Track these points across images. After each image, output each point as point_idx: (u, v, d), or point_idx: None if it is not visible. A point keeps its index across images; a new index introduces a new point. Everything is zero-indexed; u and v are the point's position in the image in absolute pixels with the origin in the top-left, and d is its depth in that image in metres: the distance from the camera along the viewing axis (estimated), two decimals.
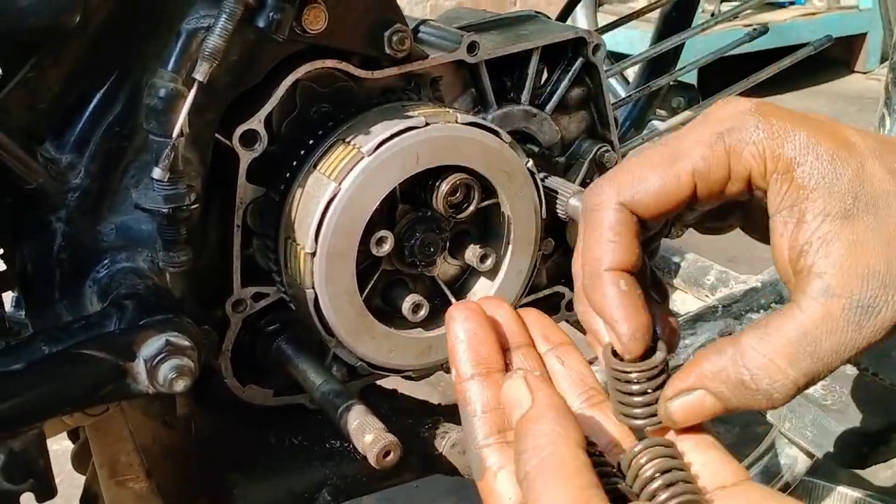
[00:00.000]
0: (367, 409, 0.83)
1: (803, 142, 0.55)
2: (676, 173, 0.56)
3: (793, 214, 0.55)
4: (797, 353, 0.53)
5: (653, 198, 0.57)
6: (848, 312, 0.53)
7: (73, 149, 0.79)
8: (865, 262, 0.53)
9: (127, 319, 0.73)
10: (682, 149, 0.57)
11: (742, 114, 0.56)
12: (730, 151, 0.56)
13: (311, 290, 0.85)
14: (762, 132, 0.56)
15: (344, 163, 0.83)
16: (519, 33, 1.01)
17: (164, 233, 0.78)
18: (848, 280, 0.53)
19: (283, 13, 0.76)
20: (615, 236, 0.57)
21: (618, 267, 0.57)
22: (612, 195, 0.58)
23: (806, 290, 0.54)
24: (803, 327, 0.53)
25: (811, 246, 0.54)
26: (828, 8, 4.69)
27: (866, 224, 0.54)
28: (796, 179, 0.55)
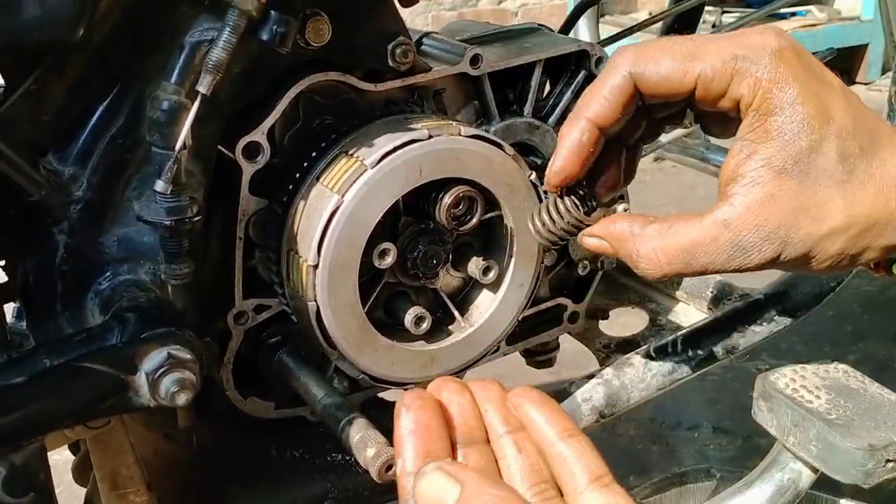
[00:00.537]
0: (368, 423, 0.83)
1: (790, 97, 0.63)
2: (685, 70, 0.65)
3: (747, 147, 0.65)
4: (677, 258, 0.68)
5: (658, 79, 0.66)
6: (728, 246, 0.66)
7: (75, 161, 0.79)
8: (766, 215, 0.65)
9: (129, 332, 0.73)
10: (701, 52, 0.65)
11: (764, 49, 0.64)
12: (734, 73, 0.64)
13: (313, 302, 0.85)
14: (767, 73, 0.64)
15: (347, 175, 0.83)
16: (522, 46, 1.01)
17: (166, 245, 0.78)
18: (745, 222, 0.65)
19: (287, 26, 0.76)
20: (609, 95, 0.68)
21: (595, 120, 0.69)
22: (628, 62, 0.67)
23: (713, 212, 0.66)
24: (693, 240, 0.67)
25: (743, 178, 0.65)
26: (829, 19, 4.71)
27: (790, 185, 0.64)
28: (766, 124, 0.64)
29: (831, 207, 0.65)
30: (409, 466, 0.56)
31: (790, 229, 0.65)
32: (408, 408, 0.58)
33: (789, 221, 0.65)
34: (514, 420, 0.60)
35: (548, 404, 0.60)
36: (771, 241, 0.65)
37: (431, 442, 0.57)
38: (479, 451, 0.59)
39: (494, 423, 0.60)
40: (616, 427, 2.12)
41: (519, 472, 0.58)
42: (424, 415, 0.58)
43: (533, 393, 0.61)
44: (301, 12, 0.80)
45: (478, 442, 0.59)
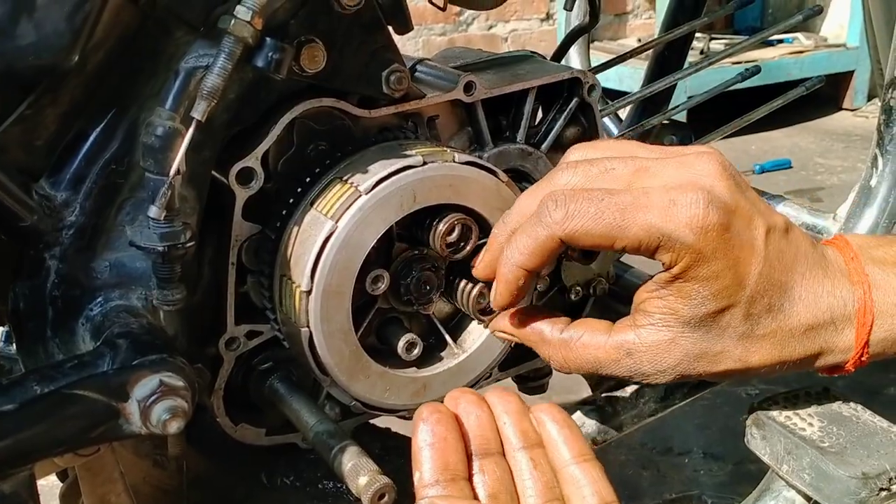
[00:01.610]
0: (361, 450, 0.82)
1: (707, 272, 0.69)
2: (614, 239, 0.69)
3: (661, 292, 0.71)
4: (584, 368, 0.76)
5: (585, 243, 0.70)
6: (628, 370, 0.73)
7: (68, 186, 0.79)
8: (665, 356, 0.72)
9: (120, 359, 0.72)
10: (630, 224, 0.68)
11: (689, 228, 0.68)
12: (659, 246, 0.68)
13: (305, 328, 0.84)
14: (688, 253, 0.68)
15: (341, 201, 0.83)
16: (515, 73, 1.02)
17: (159, 271, 0.78)
18: (645, 357, 0.72)
19: (283, 53, 0.77)
20: (539, 252, 0.72)
21: (528, 268, 0.73)
22: (559, 225, 0.70)
23: (621, 335, 0.74)
24: (597, 358, 0.74)
25: (651, 317, 0.72)
26: (815, 46, 4.76)
27: (692, 336, 0.71)
28: (680, 285, 0.70)
29: (728, 356, 0.72)
30: (426, 478, 0.59)
31: (686, 368, 0.72)
32: (425, 420, 0.61)
33: (686, 362, 0.72)
34: (531, 436, 0.64)
35: (569, 425, 0.65)
36: (668, 374, 0.73)
37: (448, 454, 0.60)
38: (495, 463, 0.62)
39: (511, 437, 0.63)
40: (606, 453, 2.10)
41: (533, 488, 0.61)
42: (441, 427, 0.60)
43: (556, 412, 0.66)
44: (296, 39, 0.80)
45: (494, 454, 0.62)
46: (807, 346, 0.73)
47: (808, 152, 4.35)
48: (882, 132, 1.14)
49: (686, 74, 1.38)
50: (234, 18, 0.74)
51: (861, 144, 4.38)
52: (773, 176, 4.04)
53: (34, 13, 0.68)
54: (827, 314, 0.73)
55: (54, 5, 0.68)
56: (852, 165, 4.14)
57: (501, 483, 0.61)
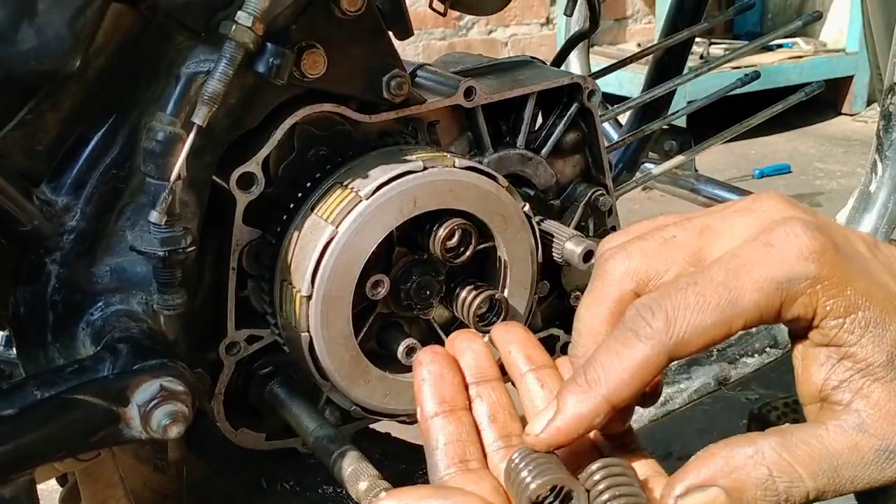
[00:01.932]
0: (361, 455, 0.82)
1: (856, 297, 0.56)
2: (730, 322, 0.56)
3: (838, 352, 0.56)
4: (818, 470, 0.54)
5: (701, 344, 0.56)
6: (877, 453, 0.55)
7: (69, 191, 0.79)
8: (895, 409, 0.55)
9: (121, 363, 0.73)
10: (739, 294, 0.55)
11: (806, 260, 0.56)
12: (784, 300, 0.56)
13: (306, 333, 0.84)
14: (821, 286, 0.56)
15: (342, 206, 0.83)
16: (515, 78, 1.02)
17: (159, 276, 0.78)
18: (885, 425, 0.55)
19: (283, 58, 0.77)
20: (638, 376, 0.55)
21: (614, 402, 0.56)
22: (664, 336, 0.55)
23: (838, 419, 0.56)
24: (828, 449, 0.55)
25: (851, 384, 0.56)
26: (815, 51, 4.77)
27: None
28: (844, 327, 0.56)
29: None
30: (427, 411, 0.61)
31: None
32: (421, 362, 0.62)
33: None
34: (536, 358, 0.64)
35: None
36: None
37: (445, 388, 0.61)
38: (492, 388, 0.63)
39: (518, 363, 0.64)
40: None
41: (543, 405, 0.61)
42: (436, 365, 0.62)
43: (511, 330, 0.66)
44: (297, 44, 0.81)
45: (490, 380, 0.63)
46: None
47: (808, 157, 4.36)
48: (881, 137, 1.14)
49: (686, 80, 1.38)
50: (236, 24, 0.74)
51: (860, 149, 4.38)
52: (773, 181, 4.04)
53: (35, 18, 0.68)
54: None
55: (55, 11, 0.68)
56: (852, 170, 4.15)
57: (500, 405, 0.62)
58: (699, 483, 0.55)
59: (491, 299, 0.91)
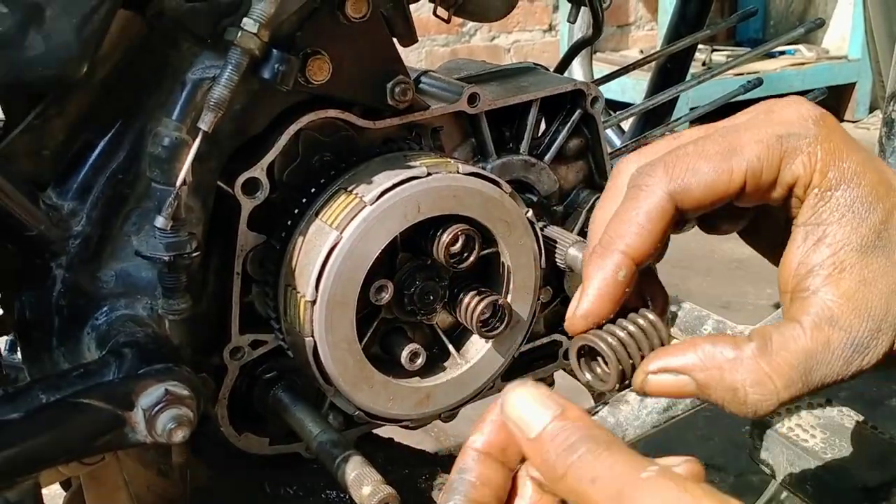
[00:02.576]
0: (364, 460, 0.82)
1: (852, 168, 0.56)
2: (730, 168, 0.56)
3: (816, 232, 0.56)
4: (794, 376, 0.55)
5: (702, 190, 0.56)
6: (845, 348, 0.55)
7: (75, 196, 0.79)
8: (869, 302, 0.55)
9: (126, 368, 0.73)
10: (739, 143, 0.56)
11: (806, 120, 0.57)
12: (784, 155, 0.56)
13: (310, 337, 0.85)
14: (820, 146, 0.56)
15: (346, 211, 0.83)
16: (518, 85, 1.02)
17: (164, 280, 0.78)
18: (852, 316, 0.55)
19: (288, 65, 0.77)
20: (647, 222, 0.57)
21: (632, 254, 0.57)
22: (662, 181, 0.57)
23: (810, 312, 0.56)
24: (805, 352, 0.55)
25: (822, 269, 0.56)
26: (817, 58, 4.78)
27: (879, 265, 0.55)
28: (833, 200, 0.56)
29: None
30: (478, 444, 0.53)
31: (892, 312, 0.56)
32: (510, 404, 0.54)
33: (891, 304, 0.56)
34: None
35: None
36: (883, 332, 0.56)
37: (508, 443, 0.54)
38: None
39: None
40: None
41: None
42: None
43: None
44: (302, 51, 0.81)
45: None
46: None
47: None
48: (884, 144, 1.15)
49: (689, 87, 1.38)
50: (241, 30, 0.74)
51: None
52: None
53: (43, 25, 0.68)
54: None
55: (63, 17, 0.69)
56: None
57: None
58: (674, 368, 0.57)
59: (494, 305, 0.91)
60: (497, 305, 0.91)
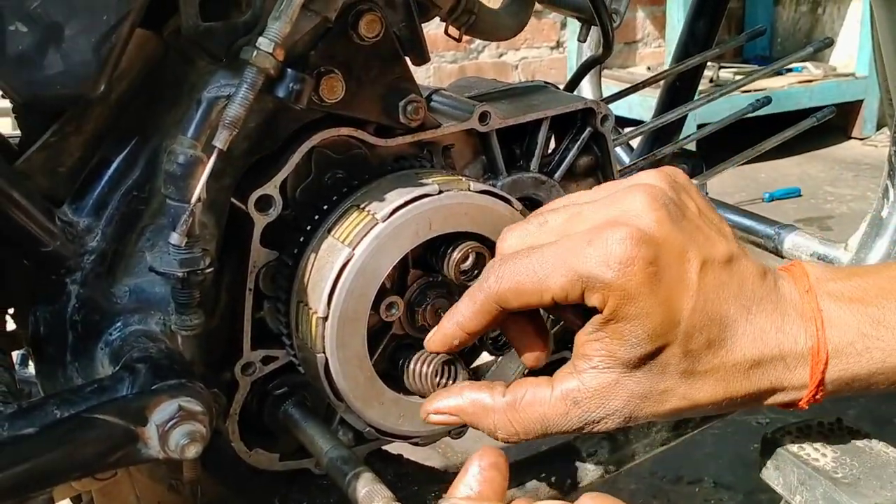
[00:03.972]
0: (375, 477, 0.83)
1: (637, 310, 0.68)
2: (541, 293, 0.70)
3: (598, 334, 0.70)
4: (532, 428, 0.73)
5: (519, 303, 0.72)
6: (579, 420, 0.72)
7: (90, 212, 0.80)
8: (612, 397, 0.71)
9: (139, 383, 0.73)
10: (552, 274, 0.69)
11: (608, 266, 0.67)
12: (585, 289, 0.69)
13: (321, 354, 0.85)
14: (611, 293, 0.67)
15: (358, 228, 0.84)
16: (529, 103, 1.03)
17: (178, 296, 0.79)
18: (593, 402, 0.71)
19: (303, 84, 0.78)
20: (478, 317, 0.75)
21: (466, 331, 0.76)
22: (491, 291, 0.73)
23: (565, 386, 0.72)
24: (545, 415, 0.72)
25: (591, 360, 0.71)
26: (825, 75, 4.78)
27: (633, 376, 0.70)
28: (615, 327, 0.69)
29: (673, 394, 0.71)
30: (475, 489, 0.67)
31: (634, 409, 0.71)
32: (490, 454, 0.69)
33: (633, 403, 0.71)
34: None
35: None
36: (617, 416, 0.72)
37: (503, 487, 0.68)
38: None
39: None
40: (616, 482, 2.10)
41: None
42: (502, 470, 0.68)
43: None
44: (316, 69, 0.82)
45: None
46: (754, 382, 0.72)
47: (818, 181, 4.36)
48: (893, 163, 1.15)
49: (697, 106, 1.39)
50: (257, 50, 0.75)
51: (870, 173, 4.38)
52: (783, 204, 4.05)
53: (62, 44, 0.69)
54: (775, 350, 0.71)
55: (82, 36, 0.70)
56: (862, 194, 4.15)
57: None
58: (445, 410, 0.77)
59: None
60: None
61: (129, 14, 0.71)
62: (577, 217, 0.72)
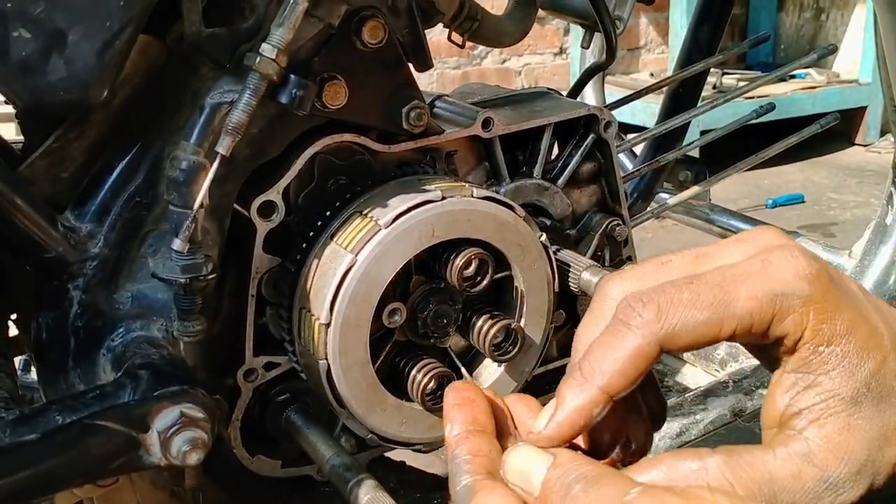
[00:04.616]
0: (377, 484, 0.82)
1: (844, 326, 0.58)
2: (722, 322, 0.57)
3: (804, 380, 0.58)
4: (757, 494, 0.56)
5: (692, 338, 0.57)
6: (817, 483, 0.57)
7: (93, 218, 0.80)
8: (851, 447, 0.57)
9: (141, 389, 0.73)
10: (734, 296, 0.57)
11: (802, 280, 0.58)
12: (776, 312, 0.57)
13: (323, 360, 0.85)
14: (813, 307, 0.57)
15: (361, 234, 0.84)
16: (532, 110, 1.03)
17: (180, 302, 0.79)
18: (830, 457, 0.57)
19: (306, 90, 0.78)
20: (631, 366, 0.57)
21: (610, 392, 0.57)
22: (653, 326, 0.57)
23: (787, 445, 0.57)
24: (772, 475, 0.56)
25: (810, 413, 0.58)
26: (828, 82, 4.78)
27: (866, 413, 0.58)
28: (823, 355, 0.58)
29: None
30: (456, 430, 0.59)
31: (876, 458, 0.58)
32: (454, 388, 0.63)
33: (874, 449, 0.58)
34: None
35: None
36: (862, 475, 0.57)
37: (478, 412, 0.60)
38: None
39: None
40: None
41: None
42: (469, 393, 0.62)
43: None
44: (319, 76, 0.82)
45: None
46: None
47: (821, 187, 4.35)
48: None
49: (700, 112, 1.39)
50: (260, 56, 0.75)
51: (874, 180, 4.37)
52: (786, 211, 4.04)
53: (65, 50, 0.69)
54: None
55: (85, 42, 0.70)
56: (865, 201, 4.14)
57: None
58: (658, 480, 0.57)
59: (507, 328, 0.91)
60: (510, 329, 0.92)
61: (132, 20, 0.71)
62: (705, 256, 0.61)
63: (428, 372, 0.88)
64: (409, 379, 0.89)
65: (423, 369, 0.88)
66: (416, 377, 0.88)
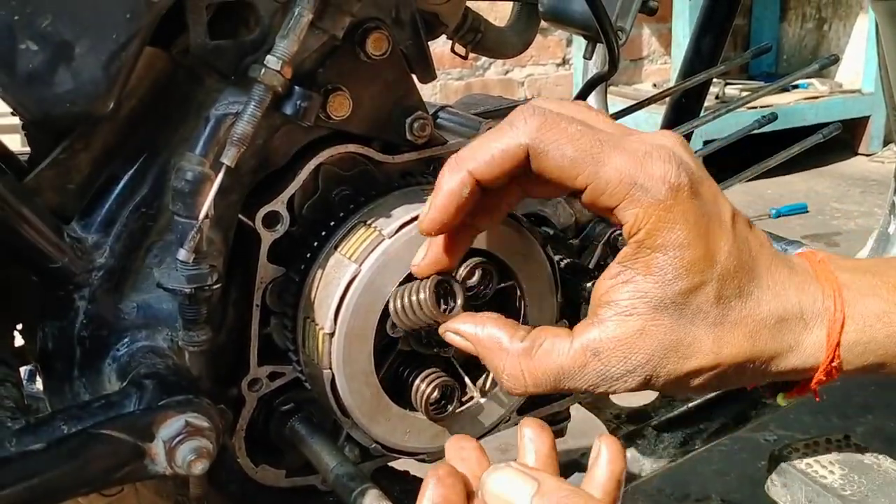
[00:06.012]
0: (381, 494, 0.83)
1: (677, 239, 0.62)
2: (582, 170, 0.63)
3: (625, 274, 0.65)
4: (543, 381, 0.67)
5: (551, 169, 0.64)
6: (597, 376, 0.65)
7: (99, 228, 0.81)
8: (635, 349, 0.64)
9: (146, 399, 0.74)
10: (605, 160, 0.62)
11: (663, 184, 0.62)
12: (626, 197, 0.62)
13: (328, 370, 0.85)
14: (658, 211, 0.62)
15: (365, 244, 0.84)
16: None
17: (185, 312, 0.79)
18: (614, 356, 0.65)
19: (310, 101, 0.79)
20: (500, 157, 0.65)
21: (478, 176, 0.66)
22: (530, 133, 0.64)
23: (585, 332, 0.66)
24: (561, 366, 0.66)
25: (616, 305, 0.65)
26: (831, 92, 4.78)
27: (664, 322, 0.64)
28: (648, 258, 0.63)
29: (699, 348, 0.65)
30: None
31: (657, 365, 0.65)
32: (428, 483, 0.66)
33: (657, 357, 0.65)
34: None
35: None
36: (637, 375, 0.65)
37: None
38: None
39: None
40: (624, 499, 2.09)
41: None
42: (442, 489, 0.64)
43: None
44: (324, 87, 0.83)
45: None
46: (778, 339, 0.67)
47: (824, 197, 4.35)
48: None
49: (703, 122, 1.39)
50: (264, 67, 0.76)
51: (877, 189, 4.37)
52: (790, 220, 4.04)
53: (72, 62, 0.70)
54: (797, 307, 0.67)
55: (92, 54, 0.70)
56: (869, 210, 4.14)
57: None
58: (463, 333, 0.73)
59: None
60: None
61: (138, 32, 0.72)
62: (623, 128, 0.66)
63: (431, 382, 0.88)
64: (413, 389, 0.89)
65: (427, 379, 0.88)
66: (420, 387, 0.88)
